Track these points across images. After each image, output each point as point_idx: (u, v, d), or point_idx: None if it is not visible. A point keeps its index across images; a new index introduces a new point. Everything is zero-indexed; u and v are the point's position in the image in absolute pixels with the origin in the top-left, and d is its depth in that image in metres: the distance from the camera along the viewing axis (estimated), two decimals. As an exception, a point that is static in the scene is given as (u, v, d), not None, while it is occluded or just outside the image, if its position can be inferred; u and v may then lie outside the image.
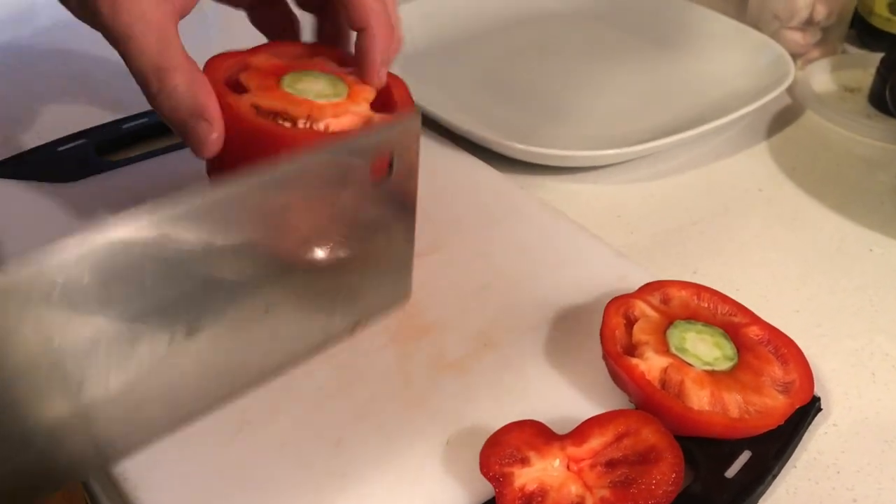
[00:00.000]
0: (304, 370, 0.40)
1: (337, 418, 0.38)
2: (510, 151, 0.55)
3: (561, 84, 0.66)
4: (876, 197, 0.54)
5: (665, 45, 0.71)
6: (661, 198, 0.54)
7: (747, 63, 0.65)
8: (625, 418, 0.35)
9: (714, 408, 0.36)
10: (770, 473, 0.35)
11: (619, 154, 0.55)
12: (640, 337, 0.39)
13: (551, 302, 0.44)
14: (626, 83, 0.66)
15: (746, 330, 0.39)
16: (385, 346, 0.42)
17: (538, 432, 0.35)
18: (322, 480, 0.35)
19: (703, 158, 0.58)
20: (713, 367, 0.37)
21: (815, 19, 0.66)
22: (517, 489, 0.33)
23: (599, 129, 0.60)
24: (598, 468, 0.34)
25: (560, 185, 0.55)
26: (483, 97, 0.64)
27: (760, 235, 0.51)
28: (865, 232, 0.51)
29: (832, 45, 0.69)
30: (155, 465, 0.36)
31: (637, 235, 0.51)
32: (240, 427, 0.37)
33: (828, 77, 0.67)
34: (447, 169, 0.55)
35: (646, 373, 0.37)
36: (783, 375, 0.38)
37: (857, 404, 0.40)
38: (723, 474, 0.35)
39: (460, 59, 0.69)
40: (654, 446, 0.34)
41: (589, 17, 0.76)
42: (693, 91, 0.64)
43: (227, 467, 0.36)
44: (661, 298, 0.42)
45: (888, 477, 0.36)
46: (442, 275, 0.46)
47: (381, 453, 0.36)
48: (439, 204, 0.51)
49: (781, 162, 0.58)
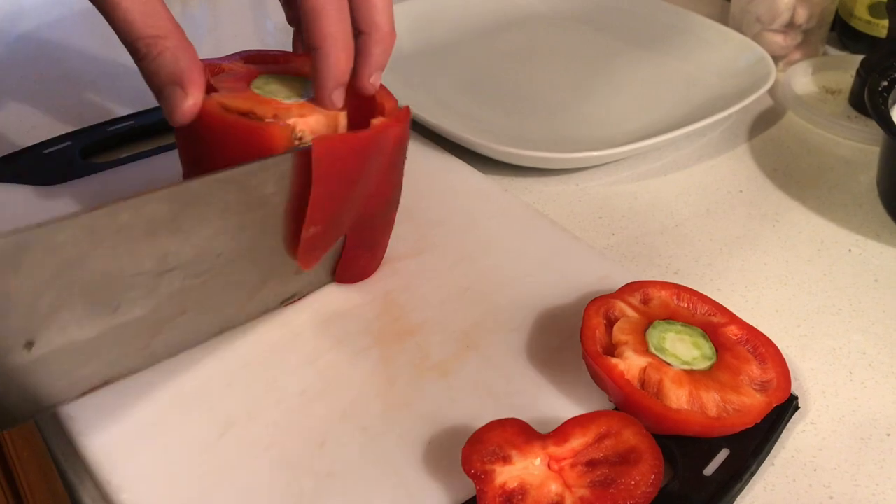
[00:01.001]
0: (287, 372, 0.41)
1: (321, 420, 0.38)
2: (494, 153, 0.55)
3: (545, 87, 0.67)
4: (855, 198, 0.54)
5: (648, 48, 0.72)
6: (643, 199, 0.54)
7: (729, 65, 0.66)
8: (606, 419, 0.36)
9: (692, 407, 0.36)
10: (748, 471, 0.35)
11: (601, 156, 0.55)
12: (619, 337, 0.39)
13: (534, 303, 0.44)
14: (609, 86, 0.67)
15: (725, 329, 0.40)
16: (369, 347, 0.42)
17: (520, 431, 0.35)
18: (306, 481, 0.36)
19: (685, 160, 0.58)
20: (692, 367, 0.38)
21: (797, 22, 0.67)
22: (498, 487, 0.33)
23: (582, 131, 0.61)
24: (579, 468, 0.34)
25: (543, 186, 0.55)
26: (469, 100, 0.64)
27: (741, 237, 0.51)
28: (844, 233, 0.51)
29: (813, 47, 0.70)
30: (140, 470, 0.36)
31: (619, 237, 0.51)
32: (224, 429, 0.38)
33: (809, 79, 0.67)
34: (432, 171, 0.55)
35: (625, 372, 0.37)
36: (761, 374, 0.38)
37: (834, 403, 0.40)
38: (701, 472, 0.35)
39: (447, 63, 0.70)
40: (634, 447, 0.35)
41: (574, 20, 0.77)
42: (675, 93, 0.65)
43: (212, 469, 0.36)
44: (641, 299, 0.42)
45: (864, 474, 0.37)
46: (426, 277, 0.46)
47: (365, 454, 0.37)
48: (423, 206, 0.51)
49: (762, 163, 0.58)
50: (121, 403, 0.39)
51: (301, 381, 0.40)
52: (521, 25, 0.76)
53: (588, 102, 0.64)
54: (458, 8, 0.76)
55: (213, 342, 0.42)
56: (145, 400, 0.39)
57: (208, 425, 0.38)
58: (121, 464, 0.36)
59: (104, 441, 0.37)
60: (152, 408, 0.39)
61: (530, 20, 0.77)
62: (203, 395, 0.39)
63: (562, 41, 0.74)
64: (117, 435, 0.37)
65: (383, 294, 0.45)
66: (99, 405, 0.38)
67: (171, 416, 0.38)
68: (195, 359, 0.41)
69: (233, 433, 0.38)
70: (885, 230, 0.51)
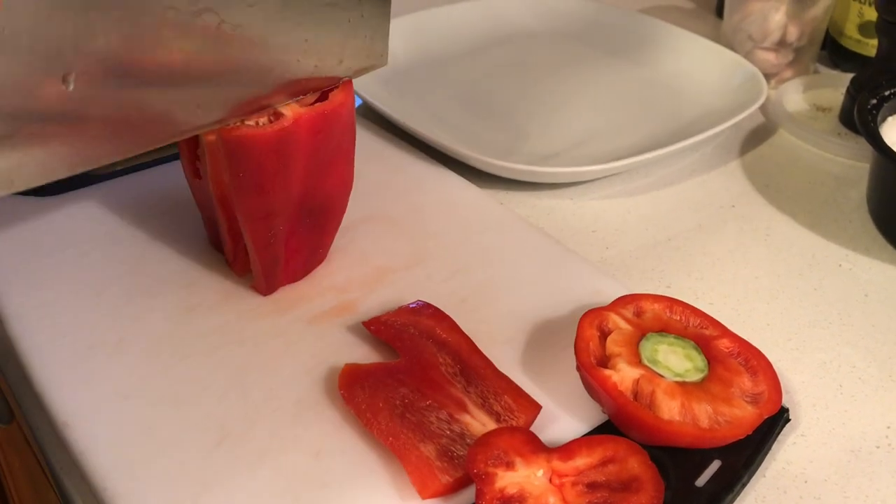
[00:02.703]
0: (284, 383, 0.41)
1: (316, 430, 0.39)
2: (490, 168, 0.56)
3: (539, 102, 0.67)
4: (845, 214, 0.55)
5: (641, 65, 0.72)
6: (637, 214, 0.55)
7: (721, 82, 0.67)
8: (614, 444, 0.36)
9: (684, 418, 0.37)
10: (739, 482, 0.36)
11: (595, 171, 0.56)
12: (613, 349, 0.39)
13: (528, 315, 0.45)
14: (602, 102, 0.68)
15: (717, 342, 0.40)
16: (365, 357, 0.42)
17: (528, 441, 0.36)
18: (301, 491, 0.36)
19: (678, 175, 0.59)
20: (684, 379, 0.38)
21: (788, 40, 0.68)
22: (497, 490, 0.34)
23: (576, 146, 0.61)
24: (580, 487, 0.35)
25: (538, 200, 0.56)
26: (463, 115, 0.65)
27: (733, 251, 0.52)
28: (835, 248, 0.52)
29: (804, 65, 0.71)
30: (136, 480, 0.36)
31: (613, 251, 0.52)
32: (220, 440, 0.38)
33: (800, 96, 0.68)
34: (427, 184, 0.55)
35: (618, 384, 0.37)
36: (752, 386, 0.39)
37: (824, 415, 0.41)
38: (693, 483, 0.36)
39: (441, 78, 0.70)
40: (637, 477, 0.35)
41: (567, 36, 0.77)
42: (668, 109, 0.66)
43: (207, 480, 0.36)
44: (634, 311, 0.42)
45: (854, 486, 0.37)
46: (422, 289, 0.47)
47: (360, 464, 0.37)
48: (419, 219, 0.52)
49: (754, 179, 0.59)
50: (117, 413, 0.39)
51: (296, 391, 0.40)
52: (514, 41, 0.77)
53: (581, 118, 0.65)
54: (451, 23, 0.76)
55: (211, 350, 0.42)
56: (142, 408, 0.39)
57: (205, 434, 0.38)
58: (117, 472, 0.36)
59: (101, 449, 0.37)
60: (149, 417, 0.39)
61: (524, 36, 0.78)
62: (200, 404, 0.40)
63: (555, 57, 0.75)
64: (114, 443, 0.37)
65: (379, 305, 0.45)
66: (95, 413, 0.39)
67: (167, 426, 0.38)
68: (191, 366, 0.41)
69: (229, 442, 0.38)
70: (874, 245, 0.52)
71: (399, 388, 0.39)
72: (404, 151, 0.59)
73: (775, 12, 0.67)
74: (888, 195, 0.52)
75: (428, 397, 0.39)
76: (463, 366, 0.41)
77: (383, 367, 0.41)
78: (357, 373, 0.40)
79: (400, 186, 0.55)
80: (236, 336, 0.43)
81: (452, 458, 0.36)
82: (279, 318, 0.44)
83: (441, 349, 0.41)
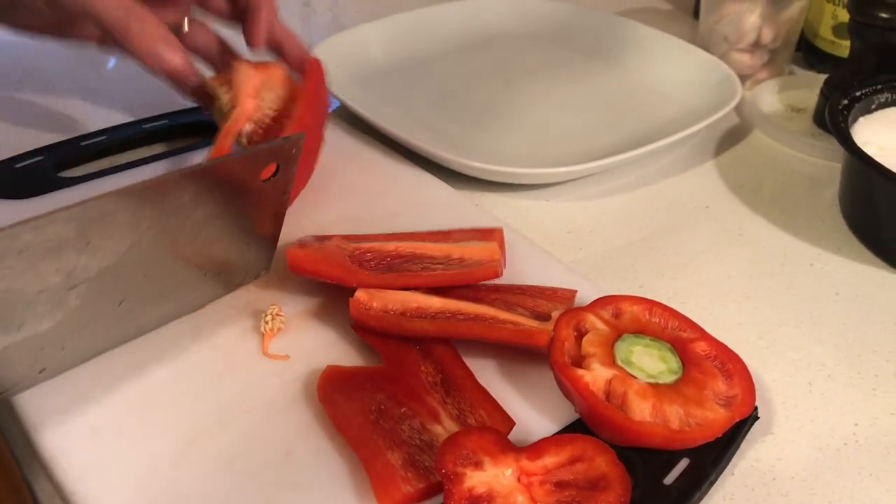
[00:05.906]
0: (254, 384, 0.41)
1: (287, 431, 0.39)
2: (465, 169, 0.56)
3: (515, 103, 0.68)
4: (818, 214, 0.56)
5: (617, 66, 0.73)
6: (611, 215, 0.55)
7: (697, 83, 0.67)
8: (582, 443, 0.36)
9: (655, 419, 0.37)
10: (707, 480, 0.36)
11: (570, 172, 0.56)
12: (588, 349, 0.40)
13: (502, 316, 0.45)
14: (578, 103, 0.68)
15: (694, 345, 0.41)
16: (338, 360, 0.42)
17: (496, 440, 0.36)
18: (272, 492, 0.36)
19: (653, 176, 0.59)
20: (657, 380, 0.38)
21: (763, 42, 0.69)
22: (465, 490, 0.34)
23: (552, 147, 0.62)
24: (548, 486, 0.35)
25: (513, 201, 0.56)
26: (439, 116, 0.65)
27: (706, 251, 0.52)
28: (807, 247, 0.52)
29: (779, 66, 0.71)
30: (106, 482, 0.36)
31: (586, 251, 0.52)
32: (191, 440, 0.38)
33: (775, 97, 0.69)
34: (403, 185, 0.56)
35: (590, 384, 0.38)
36: (727, 389, 0.39)
37: (794, 413, 0.41)
38: (661, 481, 0.36)
39: (418, 79, 0.71)
40: (605, 475, 0.35)
41: (544, 39, 0.78)
42: (643, 110, 0.66)
43: (178, 480, 0.36)
44: (612, 312, 0.43)
45: (821, 483, 0.37)
46: (395, 290, 0.47)
47: (332, 464, 0.37)
48: (394, 220, 0.52)
49: (728, 179, 0.59)
50: (87, 416, 0.39)
51: (267, 392, 0.40)
52: (492, 43, 0.77)
53: (557, 119, 0.65)
54: (431, 26, 0.77)
55: (182, 351, 0.42)
56: (112, 410, 0.39)
57: (176, 435, 0.38)
58: (87, 475, 0.36)
59: (70, 452, 0.37)
60: (120, 419, 0.39)
61: (501, 38, 0.78)
62: (172, 405, 0.40)
63: (532, 59, 0.75)
64: (84, 446, 0.37)
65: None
66: (65, 416, 0.39)
67: (138, 427, 0.38)
68: (164, 367, 0.41)
69: (200, 443, 0.38)
70: (846, 245, 0.53)
71: (377, 393, 0.39)
72: (380, 153, 0.59)
73: (750, 14, 0.68)
74: (859, 195, 0.53)
75: (403, 405, 0.39)
76: (444, 375, 0.41)
77: (364, 372, 0.41)
78: (338, 375, 0.40)
79: (376, 188, 0.55)
80: (209, 338, 0.43)
81: (418, 468, 0.36)
82: (251, 320, 0.44)
83: (425, 357, 0.42)
